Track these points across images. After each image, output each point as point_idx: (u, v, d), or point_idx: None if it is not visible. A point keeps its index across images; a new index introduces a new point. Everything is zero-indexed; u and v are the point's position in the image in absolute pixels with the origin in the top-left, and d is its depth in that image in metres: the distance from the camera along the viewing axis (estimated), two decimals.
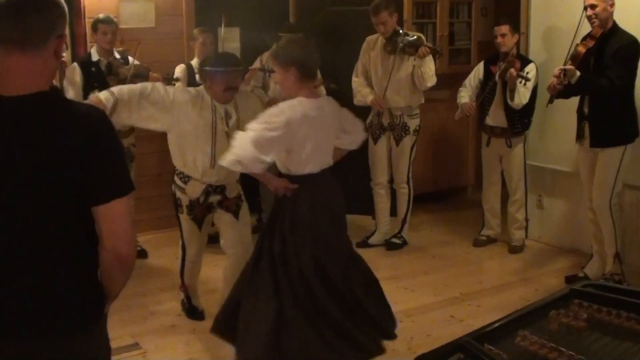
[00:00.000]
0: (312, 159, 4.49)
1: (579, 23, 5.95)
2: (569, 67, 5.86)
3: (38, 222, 2.41)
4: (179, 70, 7.10)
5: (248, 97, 5.57)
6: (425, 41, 6.91)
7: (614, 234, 6.02)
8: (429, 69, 6.90)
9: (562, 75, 5.84)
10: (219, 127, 5.21)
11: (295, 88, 4.46)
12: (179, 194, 5.41)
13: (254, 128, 4.30)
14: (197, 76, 6.99)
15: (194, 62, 7.17)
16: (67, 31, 4.44)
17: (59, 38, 2.46)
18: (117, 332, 5.27)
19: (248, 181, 5.70)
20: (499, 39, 6.90)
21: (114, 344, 2.82)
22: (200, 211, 5.41)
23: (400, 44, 6.80)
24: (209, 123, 5.18)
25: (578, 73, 5.82)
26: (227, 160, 4.29)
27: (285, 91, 4.62)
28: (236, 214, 5.47)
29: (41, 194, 2.39)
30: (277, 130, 4.28)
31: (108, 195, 2.46)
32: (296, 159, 4.46)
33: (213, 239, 6.52)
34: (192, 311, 5.81)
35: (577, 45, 5.94)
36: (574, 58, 5.91)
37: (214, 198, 5.39)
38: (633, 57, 5.80)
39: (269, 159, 4.35)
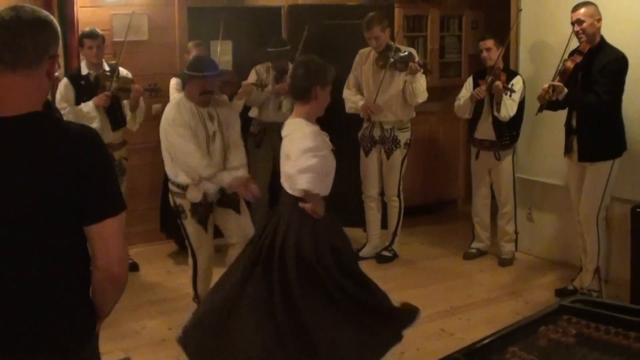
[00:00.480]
0: (329, 180, 4.62)
1: (569, 39, 6.00)
2: (557, 83, 5.90)
3: (31, 241, 2.42)
4: (174, 82, 7.14)
5: (225, 104, 5.72)
6: (416, 57, 6.95)
7: (596, 249, 6.04)
8: (420, 85, 6.94)
9: (550, 91, 5.88)
10: (209, 129, 5.41)
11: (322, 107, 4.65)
12: (179, 200, 5.49)
13: (313, 155, 4.39)
14: None
15: None
16: (60, 45, 4.46)
17: (51, 58, 2.48)
18: (109, 346, 5.26)
19: None
20: (485, 53, 6.95)
21: (105, 359, 2.83)
22: (203, 211, 5.49)
23: (391, 59, 6.84)
24: (201, 128, 5.35)
25: (566, 90, 5.86)
26: (307, 183, 4.36)
27: (317, 110, 4.65)
28: (237, 209, 5.61)
29: (35, 214, 2.40)
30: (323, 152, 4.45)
31: (100, 214, 2.48)
32: (327, 182, 4.58)
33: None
34: None
35: (565, 60, 5.98)
36: (562, 74, 5.95)
37: (214, 197, 5.52)
38: (620, 72, 5.83)
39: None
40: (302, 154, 4.38)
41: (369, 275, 6.69)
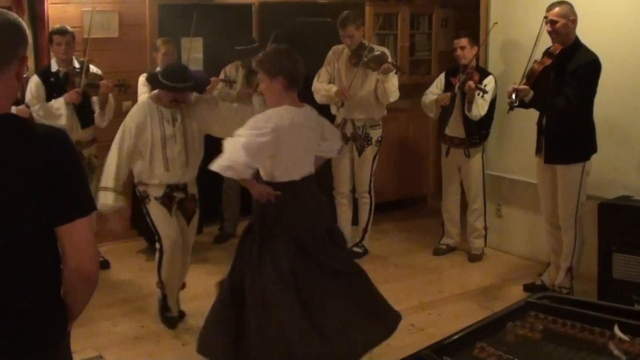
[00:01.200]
0: (297, 166, 4.59)
1: (537, 39, 6.01)
2: (522, 87, 5.89)
3: (1, 243, 2.42)
4: (142, 80, 7.09)
5: (196, 110, 5.65)
6: (389, 57, 6.98)
7: (572, 248, 6.08)
8: (392, 85, 6.99)
9: (513, 96, 5.89)
10: (167, 131, 5.43)
11: (282, 97, 4.55)
12: (142, 187, 5.56)
13: (244, 134, 4.39)
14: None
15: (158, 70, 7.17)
16: (30, 42, 4.42)
17: (20, 60, 2.48)
18: (81, 344, 5.26)
19: (210, 190, 5.83)
20: (459, 52, 7.01)
21: (77, 357, 2.86)
22: (166, 200, 5.54)
23: (365, 59, 6.88)
24: (158, 130, 5.40)
25: (532, 93, 5.87)
26: (219, 165, 4.37)
27: (270, 100, 4.68)
28: (189, 220, 5.69)
29: (5, 216, 2.40)
30: (266, 136, 4.38)
31: (71, 215, 2.49)
32: (281, 166, 4.54)
33: None
34: (164, 310, 5.78)
35: (535, 62, 5.98)
36: (529, 76, 5.94)
37: (177, 194, 5.58)
38: (592, 75, 5.78)
39: (257, 164, 4.47)
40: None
41: None
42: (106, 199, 5.32)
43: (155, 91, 5.57)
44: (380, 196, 7.78)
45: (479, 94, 6.64)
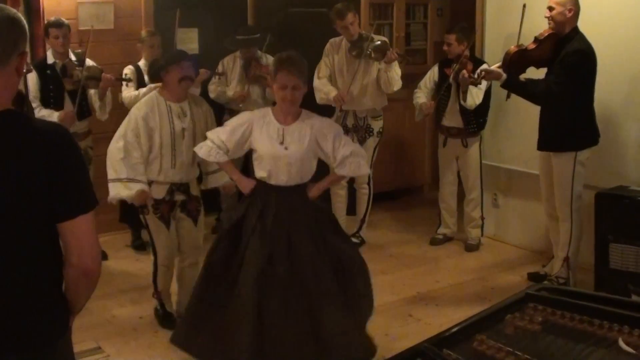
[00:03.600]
0: None
1: (520, 24, 6.04)
2: (493, 69, 5.98)
3: (3, 239, 2.43)
4: (128, 71, 7.09)
5: (199, 100, 5.66)
6: (390, 46, 6.98)
7: (568, 238, 6.10)
8: (396, 74, 6.99)
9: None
10: (177, 127, 5.36)
11: None
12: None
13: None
14: (145, 77, 7.03)
15: (142, 63, 7.16)
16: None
17: (20, 56, 2.48)
18: (79, 336, 5.24)
19: None
20: (445, 47, 7.07)
21: (76, 348, 2.85)
22: (166, 209, 5.46)
23: (368, 50, 6.86)
24: (167, 125, 5.30)
25: (504, 76, 5.92)
26: (201, 150, 4.70)
27: (298, 106, 4.75)
28: (195, 220, 5.61)
29: (7, 211, 2.41)
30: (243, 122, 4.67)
31: (73, 211, 2.50)
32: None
33: None
34: (167, 318, 5.72)
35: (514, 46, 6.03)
36: (504, 59, 6.00)
37: (179, 197, 5.50)
38: (576, 64, 5.77)
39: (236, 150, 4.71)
40: None
41: None
42: (116, 190, 5.29)
43: (159, 84, 5.52)
44: (377, 187, 7.78)
45: (473, 83, 6.63)
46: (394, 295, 6.21)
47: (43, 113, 6.39)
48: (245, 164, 6.60)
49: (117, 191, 5.27)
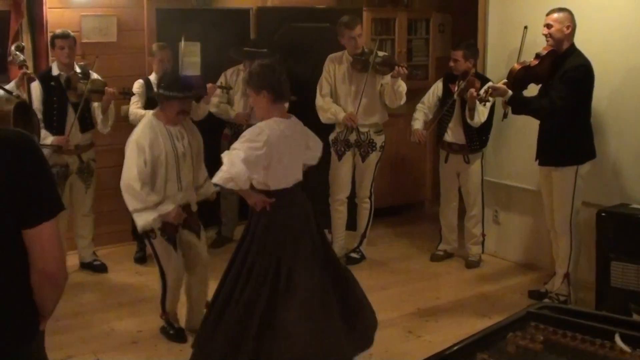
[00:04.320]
0: (288, 174, 4.81)
1: (521, 42, 6.04)
2: (499, 85, 6.00)
3: None
4: (137, 85, 7.12)
5: (195, 130, 5.67)
6: (395, 60, 6.99)
7: (568, 254, 6.11)
8: (403, 87, 7.01)
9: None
10: (179, 150, 5.40)
11: (269, 110, 4.78)
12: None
13: (240, 147, 4.62)
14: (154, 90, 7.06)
15: (152, 77, 7.20)
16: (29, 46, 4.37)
17: None
18: (79, 348, 5.28)
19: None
20: (451, 63, 7.04)
21: None
22: (171, 229, 5.43)
23: (376, 64, 6.86)
24: (171, 149, 5.34)
25: (509, 93, 5.93)
26: (221, 178, 4.60)
27: (259, 113, 4.91)
28: (198, 235, 5.63)
29: None
30: (261, 149, 4.61)
31: (37, 218, 2.54)
32: (274, 175, 4.74)
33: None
34: (179, 335, 5.67)
35: (517, 63, 6.04)
36: (509, 76, 6.02)
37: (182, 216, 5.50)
38: (578, 79, 5.82)
39: (255, 175, 4.68)
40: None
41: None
42: (143, 219, 5.22)
43: (157, 109, 5.51)
44: (377, 202, 7.77)
45: (481, 101, 6.59)
46: (394, 311, 6.19)
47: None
48: None
49: (145, 219, 5.22)
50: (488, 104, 6.64)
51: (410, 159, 9.08)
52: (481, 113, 6.82)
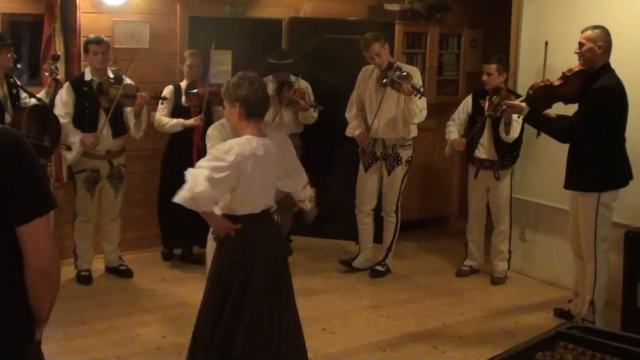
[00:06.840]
0: (257, 199, 4.43)
1: (545, 59, 6.11)
2: (515, 102, 5.98)
3: None
4: (167, 91, 7.19)
5: (282, 129, 5.81)
6: (414, 78, 6.93)
7: (593, 281, 5.96)
8: (415, 106, 6.92)
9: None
10: None
11: (241, 124, 4.42)
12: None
13: (205, 166, 4.22)
14: (183, 98, 7.11)
15: (183, 83, 7.25)
16: (62, 50, 4.35)
17: None
18: (103, 353, 5.30)
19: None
20: (485, 77, 7.00)
21: None
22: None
23: (390, 78, 6.85)
24: None
25: (527, 110, 5.88)
26: (182, 197, 4.13)
27: (231, 126, 4.65)
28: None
29: None
30: (228, 170, 4.20)
31: (29, 215, 2.55)
32: (241, 198, 4.37)
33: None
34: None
35: (540, 81, 5.99)
36: (527, 93, 5.97)
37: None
38: (600, 102, 5.65)
39: (220, 197, 4.29)
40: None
41: (361, 290, 6.80)
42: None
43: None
44: (404, 215, 7.75)
45: (517, 117, 6.53)
46: (419, 326, 6.17)
47: (66, 131, 6.54)
48: None
49: None
50: (520, 119, 6.58)
51: (438, 173, 9.07)
52: (515, 128, 6.80)
